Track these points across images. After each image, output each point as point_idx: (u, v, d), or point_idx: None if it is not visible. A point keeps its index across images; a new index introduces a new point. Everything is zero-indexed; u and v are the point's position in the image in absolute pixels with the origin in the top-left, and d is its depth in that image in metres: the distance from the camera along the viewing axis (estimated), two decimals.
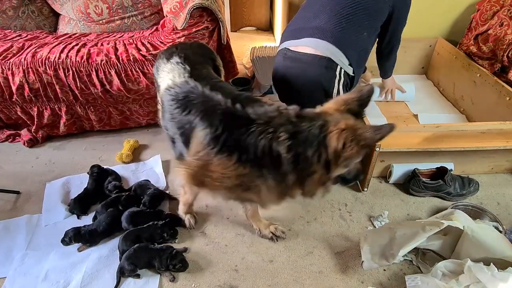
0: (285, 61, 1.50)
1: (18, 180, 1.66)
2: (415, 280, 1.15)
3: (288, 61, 1.49)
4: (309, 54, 1.42)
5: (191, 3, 1.65)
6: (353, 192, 1.59)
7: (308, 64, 1.43)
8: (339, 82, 1.44)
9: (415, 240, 1.18)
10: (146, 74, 1.74)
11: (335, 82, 1.43)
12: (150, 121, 1.97)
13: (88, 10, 2.07)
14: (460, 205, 1.46)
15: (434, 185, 1.50)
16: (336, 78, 1.43)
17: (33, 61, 1.68)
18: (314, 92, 1.46)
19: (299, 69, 1.46)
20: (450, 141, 1.49)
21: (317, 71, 1.42)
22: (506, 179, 1.66)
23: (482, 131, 1.51)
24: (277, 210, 1.50)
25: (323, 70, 1.41)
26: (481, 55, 1.97)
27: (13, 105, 1.81)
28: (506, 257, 1.13)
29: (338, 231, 1.41)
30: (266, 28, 3.39)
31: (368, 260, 1.22)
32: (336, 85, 1.44)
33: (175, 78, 1.17)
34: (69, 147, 1.89)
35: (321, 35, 1.42)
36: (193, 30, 1.70)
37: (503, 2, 1.93)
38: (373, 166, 1.48)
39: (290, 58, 1.48)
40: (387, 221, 1.43)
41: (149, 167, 1.72)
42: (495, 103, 1.77)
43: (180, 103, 1.09)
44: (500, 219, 1.39)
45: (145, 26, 2.13)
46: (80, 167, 1.72)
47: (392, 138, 1.46)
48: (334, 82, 1.43)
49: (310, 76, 1.44)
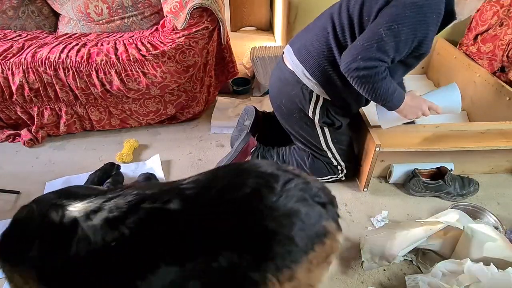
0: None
1: (18, 180, 1.66)
2: (415, 280, 1.15)
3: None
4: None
5: (191, 3, 1.65)
6: (353, 192, 1.59)
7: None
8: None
9: (415, 240, 1.18)
10: (146, 74, 1.74)
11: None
12: (150, 121, 1.98)
13: (88, 10, 2.07)
14: (460, 205, 1.45)
15: (434, 185, 1.50)
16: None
17: (33, 61, 1.68)
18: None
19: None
20: (450, 141, 1.49)
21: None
22: (506, 179, 1.66)
23: (482, 131, 1.51)
24: None
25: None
26: (481, 55, 1.97)
27: (13, 105, 1.81)
28: (506, 257, 1.13)
29: None
30: (266, 28, 3.39)
31: (368, 260, 1.22)
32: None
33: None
34: (69, 147, 1.89)
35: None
36: (193, 30, 1.70)
37: (503, 2, 1.93)
38: (373, 166, 1.48)
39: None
40: (387, 221, 1.43)
41: (149, 167, 1.72)
42: (495, 103, 1.77)
43: None
44: (500, 219, 1.39)
45: (145, 26, 2.13)
46: (80, 167, 1.72)
47: (392, 138, 1.47)
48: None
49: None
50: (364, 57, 1.13)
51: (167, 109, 1.94)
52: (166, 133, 1.99)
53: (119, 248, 0.71)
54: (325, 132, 1.44)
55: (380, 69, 1.16)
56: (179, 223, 0.73)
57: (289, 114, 1.44)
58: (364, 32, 1.17)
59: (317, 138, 1.45)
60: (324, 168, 1.53)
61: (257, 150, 1.56)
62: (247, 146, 1.51)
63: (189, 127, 2.04)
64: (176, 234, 0.72)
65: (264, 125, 1.68)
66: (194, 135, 1.97)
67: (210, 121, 2.04)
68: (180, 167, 1.74)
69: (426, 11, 1.11)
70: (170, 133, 1.98)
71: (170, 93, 1.89)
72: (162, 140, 1.93)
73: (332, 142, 1.46)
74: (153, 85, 1.77)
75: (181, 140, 1.93)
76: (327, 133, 1.44)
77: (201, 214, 0.73)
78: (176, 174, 1.70)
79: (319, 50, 1.29)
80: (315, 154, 1.51)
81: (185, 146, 1.89)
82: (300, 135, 1.48)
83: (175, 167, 1.74)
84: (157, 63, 1.73)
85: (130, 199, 0.76)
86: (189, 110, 2.02)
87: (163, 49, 1.72)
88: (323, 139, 1.45)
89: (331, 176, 1.56)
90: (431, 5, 1.12)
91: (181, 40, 1.71)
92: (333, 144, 1.46)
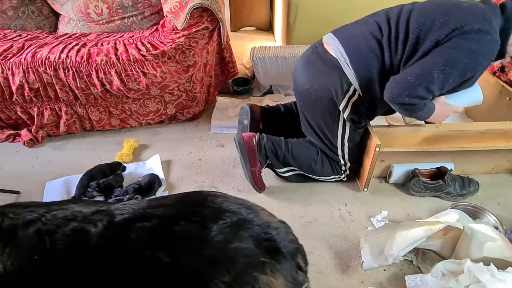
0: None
1: (18, 180, 1.66)
2: (415, 280, 1.15)
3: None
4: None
5: (191, 3, 1.65)
6: (353, 192, 1.59)
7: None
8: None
9: (415, 240, 1.18)
10: (146, 74, 1.74)
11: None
12: (150, 121, 1.98)
13: (88, 10, 2.07)
14: (460, 205, 1.45)
15: (434, 185, 1.50)
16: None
17: (33, 61, 1.68)
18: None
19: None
20: (450, 141, 1.49)
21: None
22: (506, 179, 1.66)
23: (482, 131, 1.51)
24: (276, 210, 1.50)
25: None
26: None
27: (13, 105, 1.81)
28: (506, 257, 1.13)
29: (338, 231, 1.41)
30: (266, 28, 3.39)
31: (368, 260, 1.22)
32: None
33: None
34: (69, 147, 1.89)
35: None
36: (193, 30, 1.70)
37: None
38: (373, 166, 1.48)
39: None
40: (387, 221, 1.43)
41: (149, 167, 1.72)
42: (495, 103, 1.77)
43: None
44: (500, 219, 1.39)
45: (145, 26, 2.13)
46: (80, 167, 1.71)
47: (392, 138, 1.47)
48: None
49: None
50: (410, 95, 1.18)
51: (167, 109, 1.94)
52: (166, 133, 1.99)
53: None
54: (345, 128, 1.42)
55: (422, 104, 1.22)
56: (92, 249, 0.66)
57: (316, 101, 1.39)
58: (415, 65, 1.19)
59: (335, 133, 1.43)
60: (330, 167, 1.52)
61: (264, 140, 1.49)
62: (246, 145, 1.48)
63: (189, 127, 2.04)
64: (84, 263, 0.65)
65: (264, 120, 1.66)
66: (194, 135, 1.97)
67: (210, 121, 2.04)
68: (180, 167, 1.74)
69: (480, 58, 1.15)
70: (170, 133, 1.98)
71: (170, 93, 1.89)
72: (162, 140, 1.93)
73: (347, 140, 1.44)
74: (153, 85, 1.77)
75: (181, 140, 1.93)
76: (347, 130, 1.42)
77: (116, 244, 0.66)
78: (176, 174, 1.70)
79: (370, 47, 1.27)
80: (326, 151, 1.49)
81: (185, 146, 1.89)
82: (318, 126, 1.45)
83: (175, 167, 1.74)
84: (157, 63, 1.73)
85: (66, 214, 0.71)
86: (189, 110, 2.02)
87: (163, 49, 1.72)
88: (340, 135, 1.43)
89: (334, 176, 1.56)
90: (487, 52, 1.16)
91: (181, 40, 1.71)
92: (347, 142, 1.45)
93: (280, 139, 1.51)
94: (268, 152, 1.49)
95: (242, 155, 1.48)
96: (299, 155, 1.50)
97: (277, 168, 1.54)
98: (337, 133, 1.44)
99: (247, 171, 1.50)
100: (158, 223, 0.68)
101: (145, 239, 0.66)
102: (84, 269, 0.65)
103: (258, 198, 1.55)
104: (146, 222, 0.68)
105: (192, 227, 0.67)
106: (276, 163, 1.52)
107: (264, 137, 1.50)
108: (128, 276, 0.64)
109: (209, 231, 0.66)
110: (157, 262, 0.63)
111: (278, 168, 1.54)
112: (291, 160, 1.50)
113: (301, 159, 1.50)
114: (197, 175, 1.70)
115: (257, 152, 1.48)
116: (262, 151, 1.48)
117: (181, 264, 0.63)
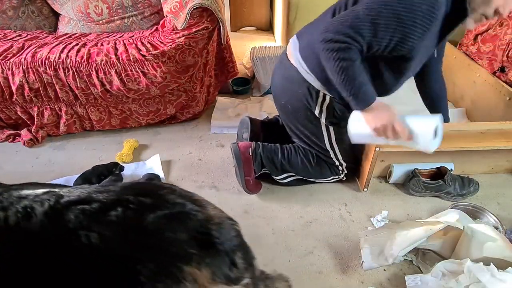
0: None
1: (18, 180, 1.64)
2: (415, 280, 1.15)
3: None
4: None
5: (191, 3, 1.65)
6: (353, 192, 1.59)
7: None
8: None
9: (415, 240, 1.18)
10: (146, 74, 1.74)
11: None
12: (150, 121, 1.98)
13: (88, 10, 2.07)
14: (460, 205, 1.45)
15: (434, 185, 1.50)
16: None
17: (33, 61, 1.68)
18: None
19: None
20: (450, 141, 1.48)
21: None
22: (506, 179, 1.66)
23: (482, 131, 1.51)
24: (276, 210, 1.50)
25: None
26: (481, 55, 1.97)
27: (13, 105, 1.81)
28: (506, 257, 1.13)
29: (338, 231, 1.41)
30: (266, 28, 3.39)
31: (368, 260, 1.22)
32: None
33: None
34: (69, 147, 1.89)
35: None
36: (193, 30, 1.70)
37: None
38: (373, 166, 1.48)
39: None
40: (387, 221, 1.43)
41: (149, 167, 1.72)
42: (495, 103, 1.77)
43: None
44: (500, 219, 1.39)
45: (145, 26, 2.13)
46: (80, 167, 1.71)
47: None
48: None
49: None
50: (334, 30, 1.05)
51: (167, 109, 1.94)
52: (166, 133, 1.99)
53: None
54: (329, 131, 1.42)
55: (352, 48, 1.06)
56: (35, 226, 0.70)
57: (294, 112, 1.42)
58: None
59: (321, 137, 1.44)
60: (327, 169, 1.52)
61: (259, 149, 1.51)
62: (242, 156, 1.49)
63: (189, 127, 2.04)
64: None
65: (263, 132, 1.66)
66: (194, 135, 1.97)
67: (210, 121, 2.04)
68: (180, 167, 1.74)
69: (415, 4, 1.01)
70: (170, 133, 1.98)
71: (170, 93, 1.89)
72: (162, 140, 1.93)
73: (335, 142, 1.45)
74: (153, 85, 1.77)
75: (181, 140, 1.93)
76: (332, 133, 1.43)
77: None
78: (176, 174, 1.70)
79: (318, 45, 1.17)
80: (319, 155, 1.50)
81: (185, 146, 1.89)
82: (304, 134, 1.47)
83: (175, 167, 1.74)
84: (157, 63, 1.73)
85: (21, 194, 0.77)
86: (189, 110, 2.02)
87: (163, 49, 1.72)
88: (327, 139, 1.44)
89: (333, 177, 1.56)
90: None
91: (181, 40, 1.71)
92: (337, 144, 1.45)
93: (276, 146, 1.53)
94: (264, 161, 1.50)
95: (237, 165, 1.50)
96: (296, 161, 1.51)
97: (275, 176, 1.54)
98: (323, 138, 1.44)
99: (241, 179, 1.52)
100: (97, 206, 0.71)
101: (81, 220, 0.69)
102: (27, 244, 0.69)
103: (258, 198, 1.55)
104: (87, 205, 0.71)
105: (128, 214, 0.70)
106: (274, 171, 1.52)
107: (260, 146, 1.51)
108: (61, 253, 0.68)
109: (144, 219, 0.69)
110: (87, 242, 0.66)
111: (277, 175, 1.54)
112: (288, 166, 1.51)
113: (298, 165, 1.51)
114: (197, 175, 1.70)
115: (252, 162, 1.50)
116: (257, 160, 1.50)
117: (109, 248, 0.67)
